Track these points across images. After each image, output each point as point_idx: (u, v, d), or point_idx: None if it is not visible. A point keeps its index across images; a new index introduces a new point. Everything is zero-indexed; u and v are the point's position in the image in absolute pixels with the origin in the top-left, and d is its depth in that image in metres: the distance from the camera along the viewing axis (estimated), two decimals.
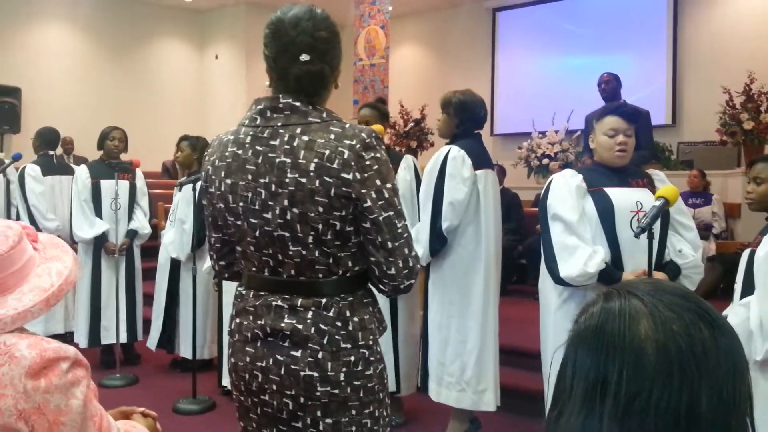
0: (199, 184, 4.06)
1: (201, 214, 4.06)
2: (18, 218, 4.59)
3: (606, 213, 2.34)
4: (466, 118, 2.96)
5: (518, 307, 4.78)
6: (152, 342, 4.40)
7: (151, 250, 5.13)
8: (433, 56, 10.28)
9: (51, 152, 4.86)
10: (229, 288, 3.84)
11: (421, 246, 2.89)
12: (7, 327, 1.33)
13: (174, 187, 4.57)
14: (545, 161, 7.27)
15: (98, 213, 4.37)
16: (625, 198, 2.35)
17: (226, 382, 3.92)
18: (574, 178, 2.39)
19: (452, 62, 9.83)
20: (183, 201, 4.16)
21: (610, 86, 4.90)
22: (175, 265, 4.30)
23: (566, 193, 2.36)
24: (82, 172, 4.43)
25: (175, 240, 4.17)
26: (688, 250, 2.40)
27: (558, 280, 2.36)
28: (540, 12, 9.12)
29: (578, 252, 2.30)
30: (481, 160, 2.94)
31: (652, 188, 2.40)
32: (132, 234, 4.49)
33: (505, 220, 3.83)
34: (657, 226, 2.25)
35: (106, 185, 4.37)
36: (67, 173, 4.84)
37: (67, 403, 1.32)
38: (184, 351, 4.25)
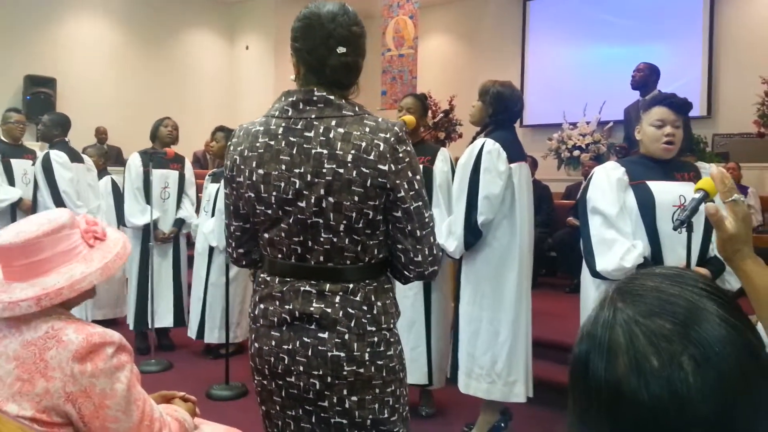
0: None
1: None
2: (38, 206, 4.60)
3: (646, 207, 2.30)
4: (500, 110, 2.94)
5: (548, 300, 4.75)
6: (192, 331, 4.47)
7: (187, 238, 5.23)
8: (463, 46, 10.20)
9: (66, 139, 4.85)
10: None
11: (455, 239, 2.89)
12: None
13: (205, 177, 4.63)
14: (576, 153, 7.19)
15: (148, 201, 4.45)
16: (667, 192, 2.31)
17: None
18: (616, 171, 2.36)
19: (482, 52, 9.75)
20: (222, 191, 4.23)
21: (641, 75, 4.85)
22: (212, 253, 4.38)
23: (606, 186, 2.33)
24: (135, 160, 4.51)
25: (215, 229, 4.23)
26: None
27: (594, 273, 2.34)
28: (572, 1, 8.99)
29: (616, 246, 2.27)
30: (515, 152, 2.91)
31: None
32: (180, 223, 4.61)
33: (535, 212, 3.81)
34: (700, 220, 2.21)
35: (157, 174, 4.44)
36: (80, 161, 4.78)
37: (112, 387, 1.36)
38: (214, 336, 4.34)
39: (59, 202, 4.43)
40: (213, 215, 4.32)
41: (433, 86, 9.07)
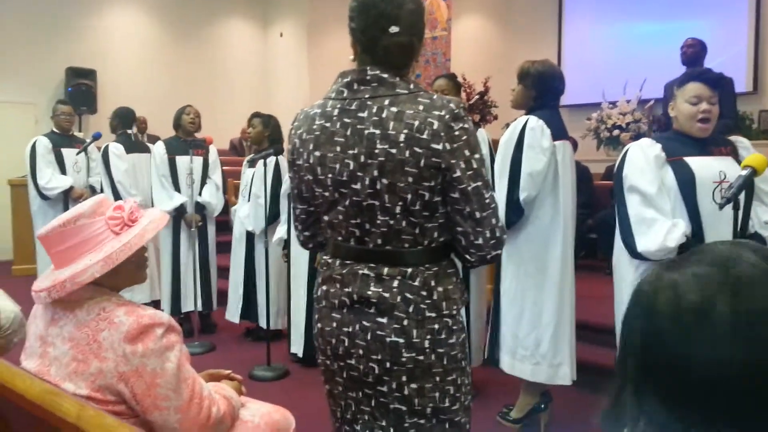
0: (270, 161, 4.16)
1: (275, 188, 4.22)
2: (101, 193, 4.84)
3: (686, 184, 2.24)
4: (543, 91, 2.84)
5: (588, 282, 4.68)
6: (232, 314, 4.56)
7: (222, 224, 5.32)
8: (497, 27, 10.05)
9: (129, 131, 5.11)
10: (298, 260, 3.96)
11: None
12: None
13: (243, 163, 4.70)
14: (616, 132, 7.04)
15: (176, 188, 4.56)
16: (707, 168, 2.25)
17: (294, 349, 4.04)
18: (652, 148, 2.31)
19: (517, 33, 9.59)
20: (257, 177, 4.28)
21: (693, 50, 4.67)
22: (250, 238, 4.45)
23: (644, 164, 2.28)
24: (159, 148, 4.61)
25: (251, 214, 4.31)
26: None
27: (635, 254, 2.28)
28: None
29: (657, 225, 2.22)
30: (559, 130, 2.83)
31: (736, 156, 2.28)
32: (200, 208, 4.64)
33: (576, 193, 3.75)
34: (741, 197, 2.15)
35: (181, 161, 4.53)
36: (144, 151, 5.07)
37: (163, 366, 1.40)
38: (262, 321, 4.41)
39: (115, 191, 4.72)
40: (249, 200, 4.39)
41: (467, 68, 8.95)
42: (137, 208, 1.56)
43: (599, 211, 5.77)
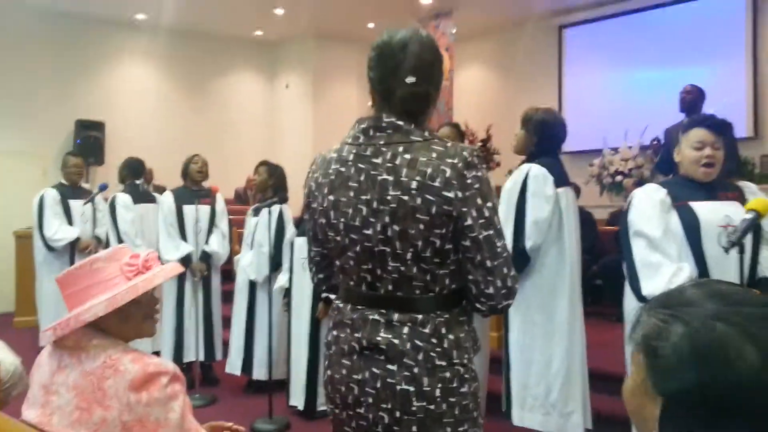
0: (275, 209, 4.18)
1: (278, 237, 4.22)
2: (107, 245, 4.88)
3: (692, 228, 2.24)
4: (545, 138, 2.90)
5: (596, 330, 4.61)
6: (233, 366, 4.49)
7: (227, 273, 5.30)
8: (498, 76, 10.23)
9: (137, 181, 5.16)
10: (299, 309, 3.93)
11: None
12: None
13: (247, 212, 4.72)
14: (618, 178, 7.07)
15: (183, 237, 4.57)
16: (712, 212, 2.25)
17: (294, 402, 3.97)
18: (658, 193, 2.31)
19: (518, 81, 9.75)
20: (261, 225, 4.29)
21: (690, 97, 4.75)
22: (252, 288, 4.42)
23: (649, 209, 2.28)
24: (167, 197, 4.65)
25: (253, 262, 4.30)
26: None
27: (641, 298, 2.26)
28: (608, 26, 8.95)
29: (662, 269, 2.21)
30: (561, 177, 2.87)
31: (743, 201, 2.28)
32: (206, 257, 4.63)
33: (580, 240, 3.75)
34: (748, 241, 2.14)
35: (188, 210, 4.56)
36: (151, 201, 5.11)
37: (166, 416, 1.38)
38: (258, 373, 4.34)
39: (120, 241, 4.78)
40: (252, 249, 4.39)
41: (470, 116, 9.09)
42: (155, 258, 1.56)
43: (604, 257, 5.74)
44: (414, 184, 1.37)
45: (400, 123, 1.44)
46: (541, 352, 2.82)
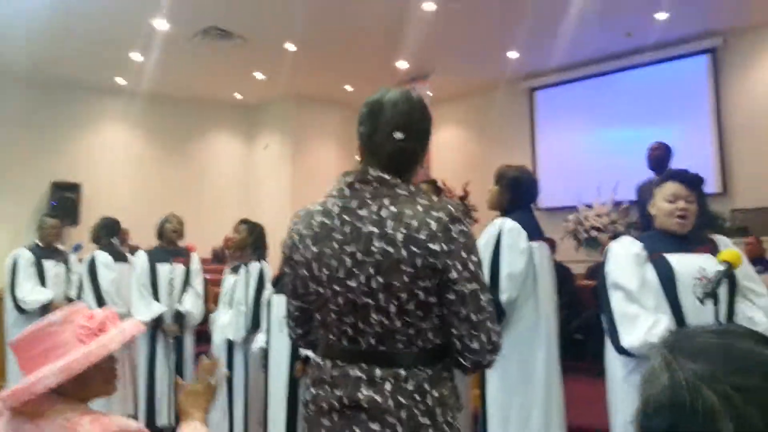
0: (253, 268, 4.14)
1: (257, 296, 4.16)
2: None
3: (667, 280, 2.27)
4: (517, 194, 2.97)
5: (578, 385, 4.58)
6: (219, 427, 4.31)
7: (201, 334, 5.18)
8: (474, 136, 10.47)
9: (113, 241, 5.07)
10: (277, 369, 3.85)
11: None
12: None
13: (224, 270, 4.67)
14: (594, 233, 7.17)
15: (156, 296, 4.50)
16: (687, 264, 2.28)
17: None
18: (633, 246, 2.35)
19: (492, 141, 9.99)
20: (240, 283, 4.24)
21: (657, 153, 4.89)
22: (230, 347, 4.33)
23: (625, 261, 2.31)
24: (141, 257, 4.59)
25: (232, 321, 4.22)
26: (761, 317, 2.27)
27: (620, 350, 2.27)
28: (578, 88, 9.27)
29: (639, 321, 2.22)
30: (534, 231, 2.92)
31: (716, 253, 2.32)
32: (179, 317, 4.54)
33: (558, 294, 3.78)
34: (723, 293, 2.17)
35: (163, 269, 4.50)
36: (125, 261, 5.01)
37: None
38: None
39: (101, 301, 4.62)
40: (230, 307, 4.32)
41: (447, 174, 9.22)
42: (113, 317, 1.52)
43: (584, 312, 5.75)
44: (400, 236, 1.38)
45: (386, 177, 1.45)
46: (519, 407, 2.79)
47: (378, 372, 1.40)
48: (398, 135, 1.46)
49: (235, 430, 4.25)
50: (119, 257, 5.01)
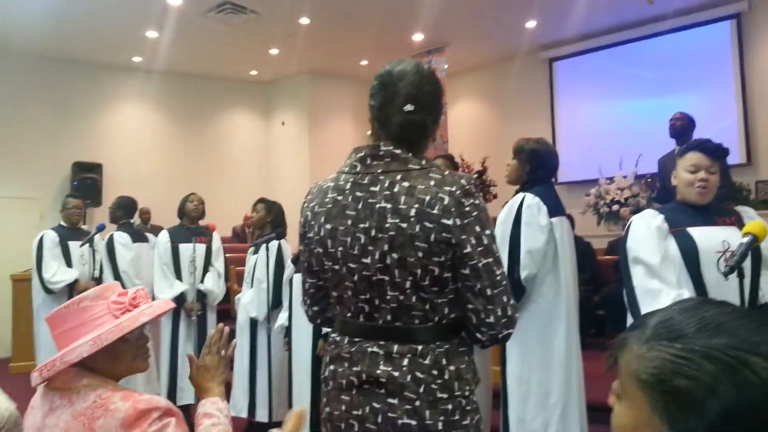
0: (273, 245, 4.17)
1: (277, 273, 4.19)
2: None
3: (690, 254, 2.23)
4: (537, 167, 2.93)
5: (598, 361, 4.58)
6: (239, 409, 4.32)
7: (224, 313, 5.25)
8: (491, 109, 10.35)
9: (131, 221, 5.14)
10: (300, 348, 3.88)
11: None
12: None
13: (248, 250, 4.71)
14: (615, 207, 7.09)
15: (178, 276, 4.55)
16: (710, 237, 2.24)
17: None
18: (655, 219, 2.31)
19: (511, 114, 9.86)
20: (260, 262, 4.27)
21: (681, 123, 4.81)
22: (253, 326, 4.37)
23: (647, 235, 2.28)
24: (163, 236, 4.64)
25: (254, 299, 4.26)
26: None
27: None
28: (597, 58, 9.09)
29: (662, 296, 2.19)
30: (555, 207, 2.87)
31: (741, 226, 2.28)
32: (201, 296, 4.59)
33: (579, 270, 3.75)
34: (748, 266, 2.13)
35: (184, 248, 4.55)
36: (144, 240, 5.07)
37: None
38: (261, 415, 4.25)
39: (119, 280, 4.67)
40: (252, 286, 4.36)
41: (465, 149, 9.17)
42: (144, 295, 1.55)
43: (604, 287, 5.72)
44: (413, 212, 1.37)
45: (398, 151, 1.45)
46: (538, 383, 2.78)
47: (395, 347, 1.40)
48: (408, 107, 1.45)
49: (258, 408, 4.31)
50: (138, 237, 5.06)
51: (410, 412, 1.38)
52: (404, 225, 1.37)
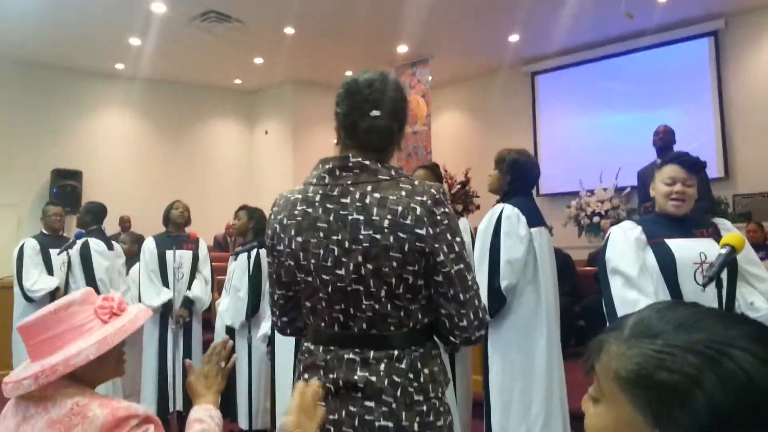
0: (253, 253, 4.14)
1: (255, 281, 4.17)
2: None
3: (667, 265, 2.26)
4: (517, 177, 2.96)
5: (581, 371, 4.60)
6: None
7: (208, 322, 5.20)
8: (475, 121, 10.43)
9: (101, 227, 5.00)
10: (283, 356, 3.86)
11: None
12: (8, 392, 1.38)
13: (229, 257, 4.68)
14: (596, 219, 7.16)
15: (164, 283, 4.50)
16: (687, 249, 2.27)
17: None
18: (633, 230, 2.34)
19: (493, 126, 9.95)
20: (238, 269, 4.24)
21: (666, 138, 4.85)
22: (231, 334, 4.34)
23: (625, 246, 2.30)
24: (149, 243, 4.59)
25: (230, 307, 4.23)
26: (761, 302, 2.27)
27: None
28: (579, 72, 9.22)
29: (639, 306, 2.20)
30: (534, 217, 2.90)
31: (718, 238, 2.31)
32: (188, 303, 4.56)
33: (559, 281, 3.78)
34: (724, 277, 2.16)
35: (171, 255, 4.49)
36: (111, 248, 4.88)
37: None
38: (242, 422, 4.22)
39: (95, 289, 4.52)
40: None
41: (448, 160, 9.21)
42: (123, 300, 1.54)
43: (585, 298, 5.76)
44: (386, 223, 1.40)
45: (367, 162, 1.47)
46: (520, 393, 2.79)
47: (372, 354, 1.43)
48: (375, 112, 1.48)
49: (239, 417, 4.27)
50: (108, 245, 4.88)
51: (387, 414, 1.40)
52: (378, 236, 1.40)
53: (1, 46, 8.13)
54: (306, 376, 1.52)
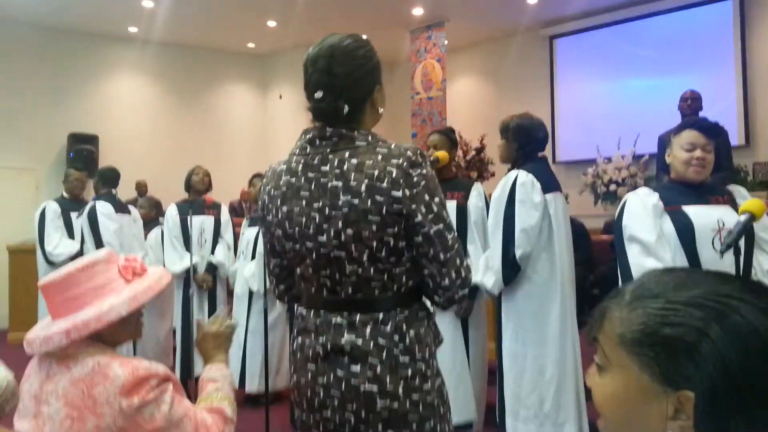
0: None
1: None
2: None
3: (685, 232, 2.24)
4: (525, 142, 2.92)
5: None
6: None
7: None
8: (491, 86, 10.29)
9: (113, 191, 4.98)
10: None
11: (493, 274, 2.83)
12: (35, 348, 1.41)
13: (243, 223, 4.71)
14: (613, 187, 7.09)
15: (187, 248, 4.53)
16: (705, 216, 2.25)
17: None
18: (650, 197, 2.31)
19: (510, 91, 9.81)
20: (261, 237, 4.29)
21: (694, 105, 4.68)
22: (251, 297, 4.40)
23: (642, 213, 2.28)
24: (171, 210, 4.66)
25: (256, 273, 4.28)
26: None
27: None
28: (599, 36, 9.02)
29: None
30: (549, 183, 2.86)
31: (734, 205, 2.28)
32: (212, 268, 4.63)
33: (574, 250, 3.76)
34: (742, 244, 2.14)
35: (193, 221, 4.50)
36: (127, 212, 4.85)
37: (160, 410, 1.39)
38: (252, 385, 4.30)
39: None
40: (253, 258, 4.37)
41: (464, 126, 9.12)
42: (143, 262, 1.58)
43: (600, 267, 5.74)
44: (363, 187, 1.41)
45: (343, 130, 1.48)
46: (534, 358, 2.80)
47: (358, 317, 1.46)
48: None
49: (247, 379, 4.35)
50: (121, 208, 4.78)
51: (371, 378, 1.43)
52: (356, 201, 1.41)
53: (15, 11, 8.11)
54: (299, 339, 1.56)
